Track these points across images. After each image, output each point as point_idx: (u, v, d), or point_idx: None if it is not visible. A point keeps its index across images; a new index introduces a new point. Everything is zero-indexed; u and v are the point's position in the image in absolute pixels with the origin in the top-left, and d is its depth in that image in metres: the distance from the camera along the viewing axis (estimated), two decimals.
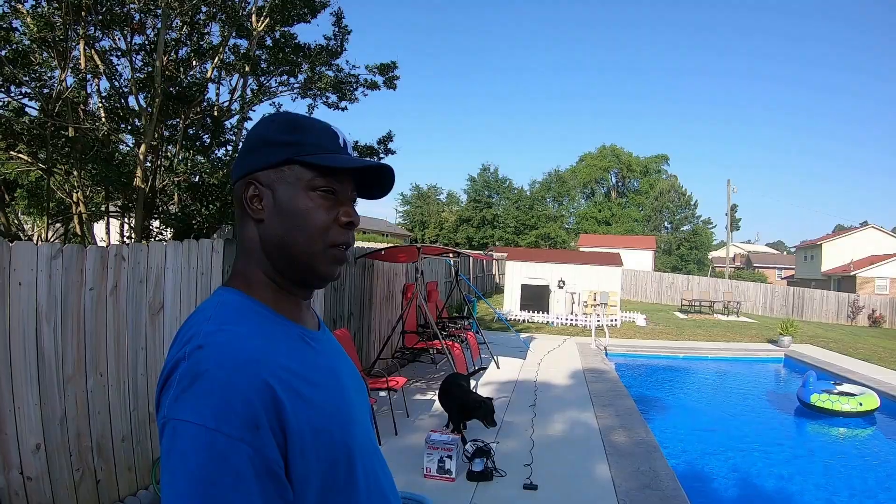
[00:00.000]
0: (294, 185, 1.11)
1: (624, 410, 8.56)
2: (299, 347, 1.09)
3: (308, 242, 1.12)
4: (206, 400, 0.90)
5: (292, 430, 0.96)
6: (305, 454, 0.97)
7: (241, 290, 1.13)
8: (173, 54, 8.98)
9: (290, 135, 1.13)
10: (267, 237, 1.12)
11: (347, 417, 1.09)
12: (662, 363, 15.11)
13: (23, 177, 10.43)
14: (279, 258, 1.12)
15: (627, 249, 41.68)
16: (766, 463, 8.30)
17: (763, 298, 31.53)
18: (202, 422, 0.89)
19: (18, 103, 8.17)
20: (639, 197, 70.04)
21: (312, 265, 1.14)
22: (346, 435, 1.06)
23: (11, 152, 8.83)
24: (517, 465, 6.07)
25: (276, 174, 1.12)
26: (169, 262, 5.02)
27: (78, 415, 4.15)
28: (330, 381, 1.10)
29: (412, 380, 9.79)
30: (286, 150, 1.12)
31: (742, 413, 11.14)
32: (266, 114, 1.23)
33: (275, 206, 1.11)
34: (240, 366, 0.94)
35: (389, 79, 11.05)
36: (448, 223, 66.02)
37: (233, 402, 0.90)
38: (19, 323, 3.68)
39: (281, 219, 1.11)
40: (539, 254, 24.61)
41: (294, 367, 1.02)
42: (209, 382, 0.92)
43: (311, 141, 1.13)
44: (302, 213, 1.11)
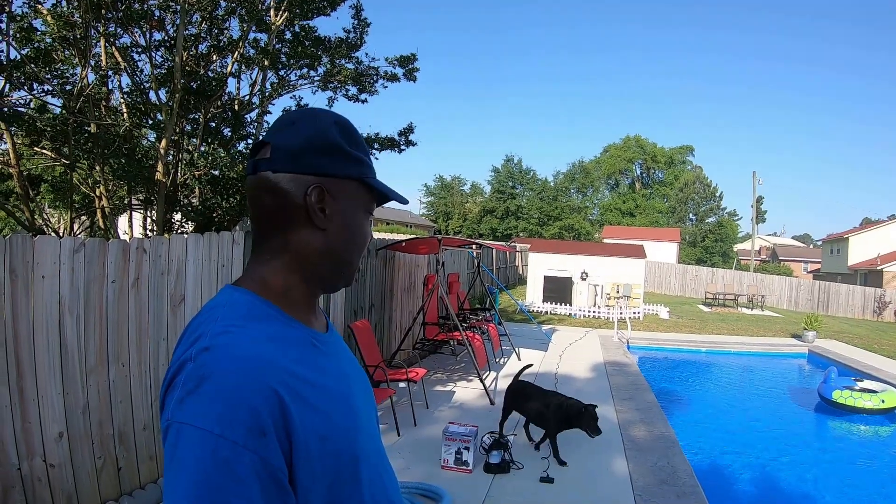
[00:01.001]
0: (356, 202, 1.16)
1: (644, 404, 8.53)
2: (308, 351, 1.07)
3: (355, 259, 1.19)
4: (212, 405, 0.89)
5: (298, 437, 0.95)
6: (311, 462, 0.97)
7: (252, 289, 1.10)
8: (193, 50, 9.05)
9: (359, 150, 1.16)
10: (327, 247, 1.13)
11: (354, 424, 1.08)
12: (685, 357, 14.98)
13: (48, 172, 10.58)
14: (328, 267, 1.15)
15: (652, 241, 41.33)
16: (786, 460, 8.22)
17: (788, 292, 31.08)
18: (207, 427, 0.87)
19: (41, 101, 8.30)
20: (663, 188, 69.46)
21: (349, 277, 1.20)
22: (352, 442, 1.06)
23: (36, 148, 8.97)
24: (534, 458, 6.09)
25: (342, 185, 1.13)
26: (190, 254, 5.08)
27: (100, 404, 4.23)
28: (337, 385, 1.09)
29: (432, 371, 9.85)
30: (359, 167, 1.15)
31: (763, 409, 11.03)
32: (322, 109, 1.20)
33: (341, 218, 1.13)
34: (247, 370, 0.93)
35: (409, 71, 11.05)
36: (472, 214, 66.07)
37: (238, 408, 0.89)
38: (42, 315, 3.76)
39: (344, 233, 1.14)
40: (562, 245, 24.50)
41: (302, 373, 1.01)
42: (215, 387, 0.91)
43: (370, 164, 1.18)
44: (360, 231, 1.17)
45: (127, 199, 9.50)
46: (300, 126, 1.13)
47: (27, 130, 8.04)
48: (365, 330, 7.65)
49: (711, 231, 61.98)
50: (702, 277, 33.36)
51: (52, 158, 9.00)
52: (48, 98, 8.34)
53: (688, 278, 34.08)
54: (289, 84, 10.58)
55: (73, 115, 7.68)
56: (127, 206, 9.58)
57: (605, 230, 53.56)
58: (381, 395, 6.64)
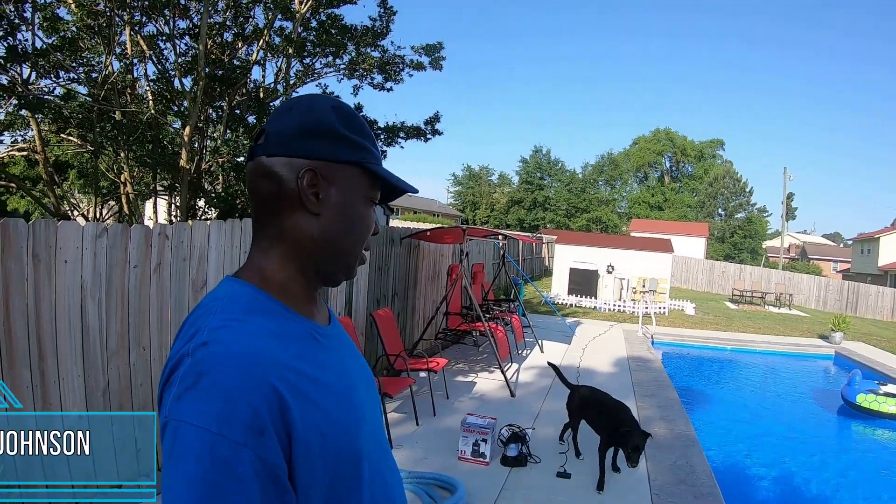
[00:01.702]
0: (355, 188, 1.11)
1: (666, 402, 8.45)
2: (309, 345, 1.05)
3: (356, 247, 1.15)
4: (210, 402, 0.88)
5: (298, 434, 0.93)
6: (311, 459, 0.95)
7: (252, 281, 1.07)
8: (218, 38, 9.09)
9: (358, 135, 1.12)
10: (321, 234, 1.09)
11: (356, 419, 1.07)
12: (709, 354, 14.77)
13: (76, 158, 10.73)
14: (325, 256, 1.11)
15: (680, 235, 40.98)
16: (807, 463, 8.08)
17: (816, 292, 30.49)
18: (205, 425, 0.86)
19: (66, 88, 8.40)
20: (693, 182, 68.60)
21: (351, 267, 1.16)
22: (354, 438, 1.04)
23: (62, 135, 9.10)
24: (552, 453, 6.05)
25: (337, 170, 1.09)
26: (212, 240, 5.12)
27: (120, 386, 4.29)
28: (340, 380, 1.07)
29: (454, 361, 9.85)
30: (357, 152, 1.11)
31: (786, 410, 10.87)
32: (321, 95, 1.18)
33: (336, 203, 1.09)
34: (245, 366, 0.91)
35: (435, 59, 11.02)
36: (499, 205, 65.90)
37: (237, 406, 0.87)
38: (65, 299, 3.81)
39: (341, 219, 1.10)
40: (589, 238, 24.37)
41: (303, 368, 0.99)
42: (213, 383, 0.89)
43: (373, 149, 1.14)
44: (360, 219, 1.13)
45: (152, 186, 9.60)
46: (295, 111, 1.11)
47: (54, 117, 8.16)
48: (387, 318, 7.67)
49: (740, 227, 61.15)
50: (729, 274, 32.96)
51: (78, 145, 9.11)
52: (74, 86, 8.45)
53: (715, 274, 33.70)
54: (314, 72, 10.62)
55: (97, 102, 7.77)
56: (152, 193, 9.68)
57: (633, 223, 53.14)
58: (401, 384, 6.66)
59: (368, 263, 8.01)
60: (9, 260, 3.46)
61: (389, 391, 6.24)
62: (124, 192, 8.84)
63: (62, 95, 8.41)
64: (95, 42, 8.26)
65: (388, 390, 6.19)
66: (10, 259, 3.47)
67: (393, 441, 6.03)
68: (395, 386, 6.52)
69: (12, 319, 3.52)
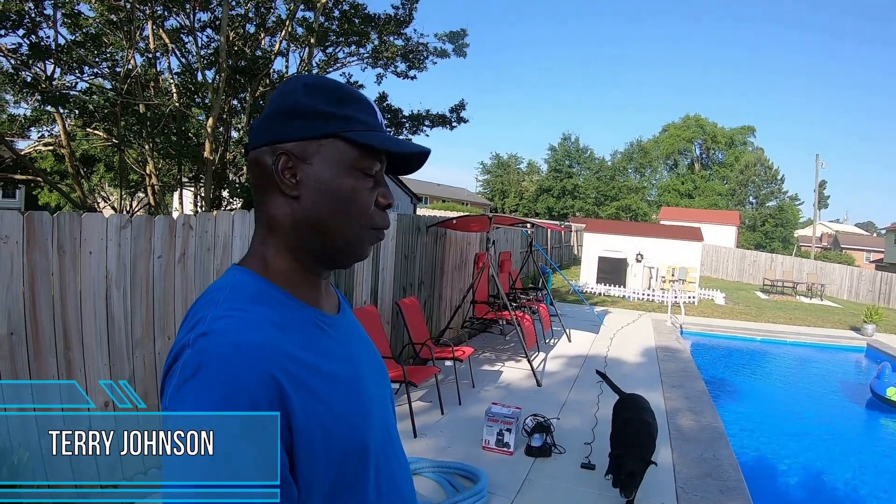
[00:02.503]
0: (337, 162, 1.05)
1: (694, 393, 8.35)
2: (314, 335, 1.03)
3: (350, 225, 1.07)
4: (208, 393, 0.86)
5: (299, 427, 0.92)
6: (313, 452, 0.94)
7: (256, 269, 1.06)
8: (240, 30, 9.12)
9: (333, 106, 1.05)
10: (303, 216, 1.05)
11: (362, 410, 1.05)
12: (739, 345, 14.56)
13: (103, 151, 10.88)
14: (315, 238, 1.06)
15: (710, 224, 40.49)
16: (834, 457, 7.93)
17: (849, 282, 29.73)
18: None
19: (90, 83, 8.51)
20: (723, 170, 67.58)
21: (351, 247, 1.09)
22: (360, 431, 1.02)
23: (88, 129, 9.22)
24: (577, 443, 6.01)
25: (314, 147, 1.04)
26: (236, 230, 5.15)
27: (146, 375, 4.34)
28: (345, 371, 1.05)
29: (480, 350, 9.82)
30: (332, 123, 1.04)
31: (815, 403, 10.66)
32: (295, 76, 1.16)
33: (314, 182, 1.04)
34: (245, 357, 0.89)
35: (459, 46, 10.95)
36: (528, 193, 65.74)
37: (236, 397, 0.86)
38: (90, 289, 3.86)
39: (321, 197, 1.04)
40: (618, 226, 24.17)
41: (306, 359, 0.97)
42: (211, 374, 0.87)
43: (357, 116, 1.06)
44: (347, 194, 1.05)
45: (178, 177, 9.69)
46: (273, 99, 1.09)
47: (79, 112, 8.26)
48: (413, 307, 7.67)
49: (772, 215, 60.18)
50: (760, 263, 32.44)
51: (104, 139, 9.23)
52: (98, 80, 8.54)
53: (746, 263, 33.21)
54: (337, 61, 10.62)
55: (121, 96, 7.85)
56: (178, 184, 9.77)
57: (663, 211, 52.53)
58: (427, 372, 6.66)
59: (394, 251, 8.01)
60: (34, 252, 3.51)
61: (415, 380, 6.23)
62: (150, 184, 8.94)
63: (86, 90, 8.50)
64: (118, 37, 8.34)
65: (413, 379, 6.18)
66: (35, 251, 3.52)
67: (417, 430, 6.03)
68: (421, 375, 6.52)
69: (38, 310, 3.57)
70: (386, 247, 7.85)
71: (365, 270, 7.37)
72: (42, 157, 11.55)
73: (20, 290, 3.48)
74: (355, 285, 7.14)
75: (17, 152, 8.72)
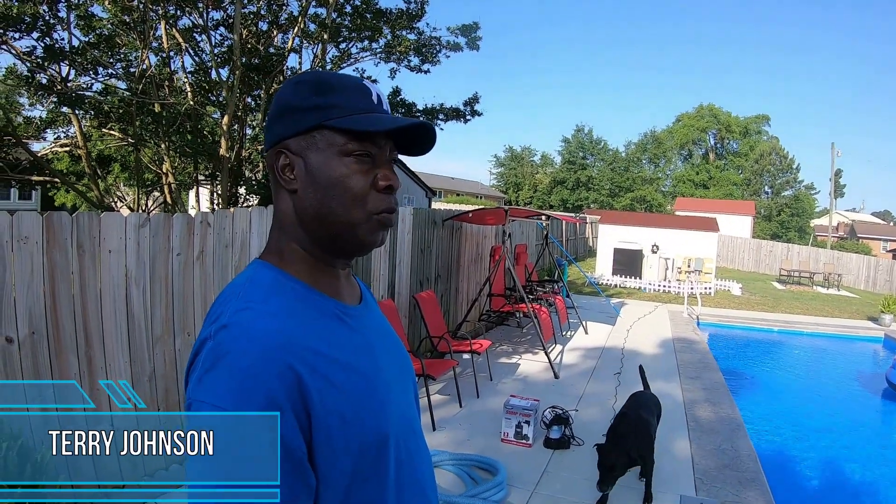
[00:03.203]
0: (326, 151, 1.06)
1: (711, 384, 8.31)
2: (333, 326, 1.05)
3: (346, 211, 1.06)
4: (227, 383, 0.89)
5: (318, 416, 0.94)
6: (332, 441, 0.96)
7: (274, 262, 1.09)
8: (253, 27, 9.15)
9: (317, 97, 1.06)
10: (302, 208, 1.07)
11: (382, 400, 1.06)
12: (755, 336, 14.45)
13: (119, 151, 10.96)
14: (317, 229, 1.08)
15: (725, 214, 40.11)
16: (853, 449, 7.85)
17: (866, 272, 29.32)
18: (222, 404, 0.88)
19: (105, 84, 8.56)
20: (738, 159, 66.85)
21: (353, 234, 1.08)
22: (379, 421, 1.03)
23: (104, 129, 9.28)
24: (596, 435, 5.95)
25: (307, 141, 1.06)
26: (254, 227, 5.17)
27: (166, 372, 4.37)
28: (364, 361, 1.06)
29: (497, 343, 9.82)
30: (314, 114, 1.06)
31: (832, 394, 10.58)
32: (290, 77, 1.18)
33: (307, 174, 1.06)
34: (263, 348, 0.92)
35: (472, 39, 10.94)
36: (542, 185, 65.58)
37: (254, 387, 0.89)
38: (109, 287, 3.89)
39: (315, 188, 1.06)
40: (633, 217, 24.08)
41: (324, 349, 0.99)
42: (230, 364, 0.90)
43: (341, 103, 1.07)
44: (337, 180, 1.05)
45: (193, 175, 9.73)
46: (273, 103, 1.14)
47: (94, 112, 8.32)
48: (430, 300, 7.68)
49: (787, 205, 59.51)
50: (776, 253, 32.13)
51: (119, 139, 9.29)
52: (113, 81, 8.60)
53: (762, 254, 32.94)
54: (350, 56, 10.62)
55: (136, 96, 7.90)
56: (194, 182, 9.82)
57: (678, 202, 52.15)
58: (444, 366, 6.67)
59: (410, 245, 8.02)
60: (53, 251, 3.55)
61: (433, 373, 6.26)
62: (166, 183, 8.99)
63: (101, 91, 8.56)
64: (132, 38, 8.39)
65: (431, 372, 6.21)
66: (54, 250, 3.55)
67: (436, 423, 6.05)
68: (439, 368, 6.54)
69: (59, 308, 3.60)
70: (402, 241, 7.86)
71: (382, 265, 7.38)
72: (58, 159, 11.64)
73: (41, 290, 3.51)
74: (373, 280, 7.16)
75: (33, 154, 8.80)
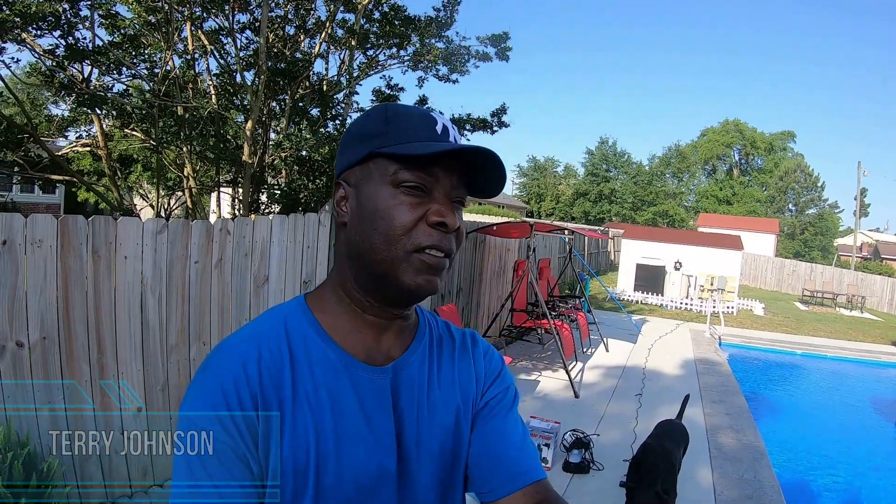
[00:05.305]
0: (378, 180, 0.95)
1: (734, 409, 8.09)
2: (326, 375, 0.97)
3: (385, 247, 0.94)
4: (196, 391, 0.92)
5: (261, 449, 0.91)
6: (265, 481, 0.92)
7: (309, 300, 1.05)
8: (280, 31, 9.12)
9: (381, 125, 0.97)
10: (349, 244, 0.99)
11: (343, 469, 0.94)
12: (778, 358, 14.10)
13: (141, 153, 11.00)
14: (358, 268, 0.98)
15: (748, 231, 39.67)
16: (876, 480, 7.60)
17: (889, 294, 28.61)
18: (188, 411, 0.91)
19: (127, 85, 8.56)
20: (762, 176, 66.24)
21: (393, 275, 0.95)
22: (325, 489, 0.93)
23: (126, 130, 9.28)
24: (616, 460, 5.84)
25: (362, 171, 0.97)
26: (275, 235, 5.07)
27: (180, 381, 4.28)
28: (341, 422, 0.96)
29: (517, 359, 9.65)
30: (371, 142, 0.96)
31: (855, 423, 10.26)
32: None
33: (357, 206, 0.97)
34: (232, 367, 0.92)
35: (502, 50, 10.84)
36: (565, 196, 65.54)
37: (213, 396, 0.90)
38: (124, 294, 3.81)
39: (360, 220, 0.96)
40: (656, 233, 23.78)
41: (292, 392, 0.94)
42: (203, 375, 0.93)
43: (400, 129, 0.96)
44: (381, 212, 0.94)
45: (216, 179, 9.70)
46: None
47: (117, 113, 8.31)
48: (451, 314, 7.56)
49: (811, 223, 58.94)
50: (800, 273, 31.64)
51: (141, 140, 9.29)
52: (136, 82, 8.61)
53: (785, 273, 32.44)
54: (378, 64, 10.56)
55: (158, 98, 7.88)
56: (215, 186, 9.79)
57: (701, 218, 51.68)
58: None
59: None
60: (68, 256, 3.46)
61: None
62: (187, 186, 8.95)
63: (122, 92, 8.57)
64: (156, 39, 8.38)
65: None
66: (69, 255, 3.47)
67: None
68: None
69: (71, 315, 3.52)
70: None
71: None
72: (81, 157, 11.68)
73: (54, 295, 3.43)
74: None
75: (52, 153, 8.78)
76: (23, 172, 8.65)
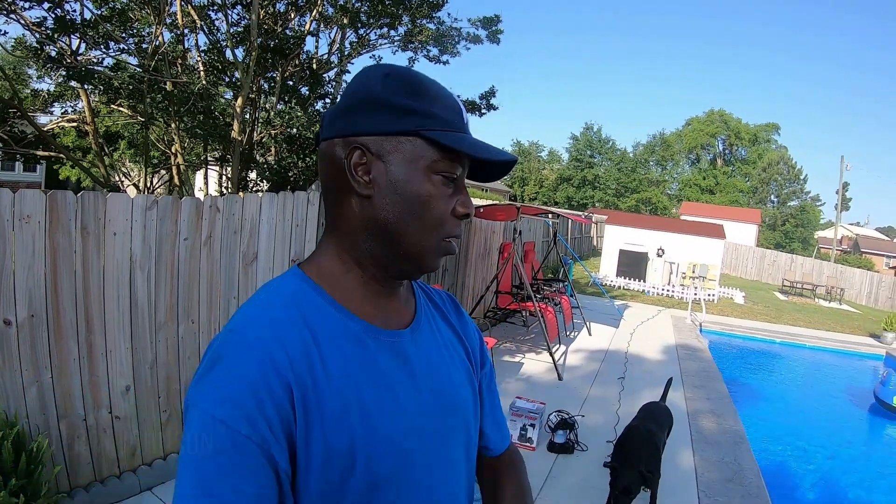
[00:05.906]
0: (414, 162, 0.95)
1: (715, 394, 8.20)
2: (349, 348, 0.95)
3: (422, 233, 0.97)
4: (218, 387, 0.84)
5: (300, 439, 0.87)
6: (310, 470, 0.88)
7: (309, 273, 1.01)
8: (271, 8, 9.02)
9: (415, 100, 0.95)
10: (373, 217, 0.97)
11: (387, 439, 0.93)
12: (757, 346, 14.30)
13: (127, 128, 10.86)
14: (383, 244, 0.98)
15: (731, 221, 40.05)
16: (850, 467, 7.80)
17: (868, 287, 29.19)
18: (209, 410, 0.83)
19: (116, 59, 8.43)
20: (745, 167, 66.73)
21: (421, 258, 1.00)
22: (376, 462, 0.92)
23: (113, 105, 9.16)
24: (600, 441, 5.91)
25: (392, 144, 0.95)
26: (264, 213, 5.03)
27: (168, 359, 4.25)
28: (384, 393, 0.96)
29: (502, 341, 9.71)
30: (412, 119, 0.94)
31: (831, 411, 10.50)
32: (375, 64, 1.04)
33: (388, 183, 0.95)
34: (259, 357, 0.86)
35: (493, 33, 10.85)
36: (548, 181, 65.68)
37: (241, 395, 0.83)
38: (113, 271, 3.76)
39: (394, 199, 0.95)
40: (640, 219, 23.88)
41: (324, 370, 0.90)
42: (224, 370, 0.86)
43: (440, 114, 0.96)
44: (422, 198, 0.96)
45: (203, 157, 9.62)
46: (349, 87, 1.00)
47: (104, 88, 8.20)
48: None
49: (793, 215, 59.50)
50: (780, 263, 32.08)
51: (128, 116, 9.18)
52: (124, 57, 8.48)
53: (766, 263, 32.88)
54: (368, 43, 10.49)
55: (148, 73, 7.78)
56: (203, 163, 9.71)
57: (684, 206, 52.04)
58: None
59: None
60: (57, 233, 3.41)
61: None
62: (175, 163, 8.87)
63: (112, 66, 8.43)
64: (146, 13, 8.26)
65: None
66: (58, 232, 3.42)
67: None
68: None
69: (59, 292, 3.48)
70: None
71: None
72: (64, 133, 11.52)
73: (42, 272, 3.39)
74: None
75: (38, 128, 8.64)
76: (7, 148, 8.51)
